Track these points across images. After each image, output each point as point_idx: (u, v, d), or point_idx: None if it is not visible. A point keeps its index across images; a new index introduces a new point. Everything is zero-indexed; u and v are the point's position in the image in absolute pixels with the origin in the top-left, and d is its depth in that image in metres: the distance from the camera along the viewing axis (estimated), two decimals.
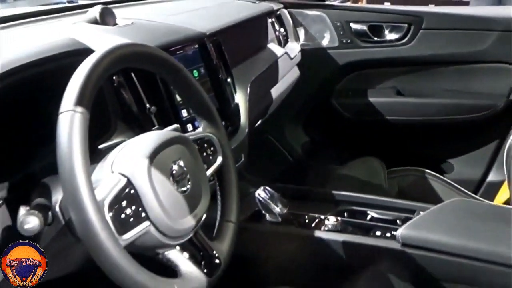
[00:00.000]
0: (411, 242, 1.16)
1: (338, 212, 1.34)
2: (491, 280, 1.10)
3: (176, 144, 0.85)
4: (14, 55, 0.86)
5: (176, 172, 0.82)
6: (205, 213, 0.87)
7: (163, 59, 0.92)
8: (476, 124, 1.98)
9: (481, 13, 2.04)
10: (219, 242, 0.93)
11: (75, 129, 0.71)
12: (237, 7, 1.77)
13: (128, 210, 0.74)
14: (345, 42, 2.02)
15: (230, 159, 1.00)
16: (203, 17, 1.51)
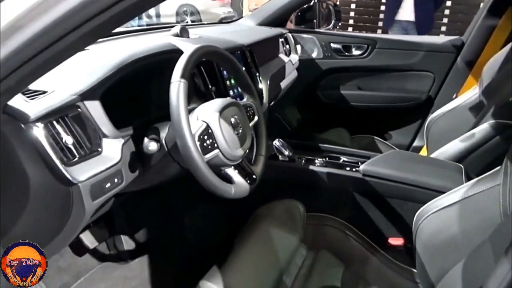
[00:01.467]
0: (368, 173, 1.27)
1: (322, 156, 1.43)
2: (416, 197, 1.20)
3: (233, 106, 0.94)
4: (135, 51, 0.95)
5: (233, 122, 0.92)
6: (249, 148, 0.97)
7: (226, 56, 1.02)
8: (408, 109, 2.09)
9: (413, 39, 2.14)
10: (255, 166, 1.03)
11: (181, 92, 0.81)
12: (260, 30, 1.89)
13: (208, 141, 0.85)
14: (327, 55, 2.13)
15: (262, 118, 1.08)
16: (242, 35, 1.63)
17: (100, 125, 0.83)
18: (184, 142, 0.80)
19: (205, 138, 0.85)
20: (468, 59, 1.92)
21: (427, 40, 2.08)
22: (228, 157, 0.89)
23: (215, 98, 1.11)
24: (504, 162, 0.95)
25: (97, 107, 0.83)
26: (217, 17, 8.24)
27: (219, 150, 0.87)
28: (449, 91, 1.98)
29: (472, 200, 0.98)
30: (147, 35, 1.43)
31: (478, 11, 1.95)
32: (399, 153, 1.36)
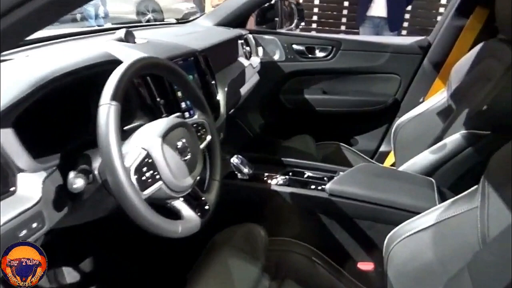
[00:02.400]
0: (335, 193, 1.17)
1: (285, 172, 1.34)
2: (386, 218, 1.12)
3: (180, 127, 0.83)
4: (63, 63, 0.81)
5: (180, 147, 0.81)
6: (199, 175, 0.86)
7: (170, 67, 0.90)
8: (374, 113, 2.01)
9: (378, 40, 2.07)
10: (208, 194, 0.92)
11: (111, 118, 0.69)
12: (218, 32, 1.75)
13: (148, 173, 0.73)
14: (289, 57, 2.02)
15: (216, 137, 0.97)
16: (196, 38, 1.49)
17: (13, 157, 0.67)
18: (115, 178, 0.67)
19: (144, 170, 0.73)
20: (435, 60, 1.85)
21: (393, 41, 2.00)
22: (174, 188, 0.77)
23: (164, 114, 1.02)
24: (481, 182, 0.88)
25: (8, 135, 0.67)
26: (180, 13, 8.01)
27: (162, 182, 0.75)
28: (416, 94, 1.91)
29: (448, 224, 0.91)
30: (88, 39, 1.27)
31: (445, 11, 1.89)
32: (368, 168, 1.27)
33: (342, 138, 1.96)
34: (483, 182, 0.87)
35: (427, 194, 1.13)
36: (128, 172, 0.68)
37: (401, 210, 1.09)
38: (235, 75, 1.55)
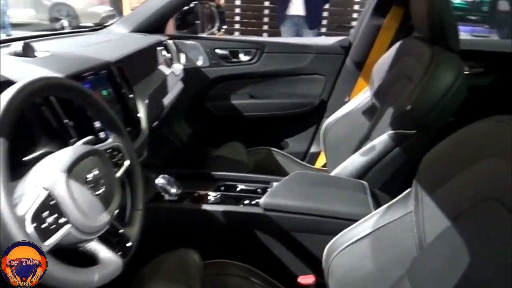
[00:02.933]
0: (270, 207, 1.12)
1: (217, 187, 1.26)
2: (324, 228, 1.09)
3: (90, 156, 0.72)
4: None
5: (91, 179, 0.70)
6: (118, 208, 0.75)
7: (73, 88, 0.78)
8: (302, 114, 1.99)
9: (301, 41, 2.07)
10: (130, 227, 0.81)
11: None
12: (134, 40, 1.62)
13: (50, 218, 0.61)
14: (213, 62, 1.94)
15: (135, 161, 0.87)
16: (110, 48, 1.36)
17: None
18: (4, 233, 0.55)
19: (46, 214, 0.60)
20: (357, 60, 1.87)
21: (316, 42, 2.00)
22: (87, 230, 0.66)
23: (74, 137, 0.88)
24: (413, 186, 0.86)
25: None
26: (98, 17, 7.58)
27: (70, 226, 0.63)
28: (341, 94, 1.92)
29: (385, 231, 0.89)
30: None
31: (363, 11, 1.92)
32: (301, 177, 1.23)
33: (273, 142, 1.92)
34: (415, 186, 0.86)
35: (361, 199, 1.11)
36: (21, 223, 0.56)
37: (338, 219, 1.05)
38: (156, 85, 1.43)
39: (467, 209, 0.73)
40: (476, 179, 0.72)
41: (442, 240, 0.78)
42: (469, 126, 0.78)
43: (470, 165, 0.74)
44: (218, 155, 1.71)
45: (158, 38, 1.70)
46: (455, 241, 0.74)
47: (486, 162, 0.71)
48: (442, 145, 0.83)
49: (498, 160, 0.69)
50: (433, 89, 1.15)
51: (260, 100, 1.99)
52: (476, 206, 0.71)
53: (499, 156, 0.68)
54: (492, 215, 0.68)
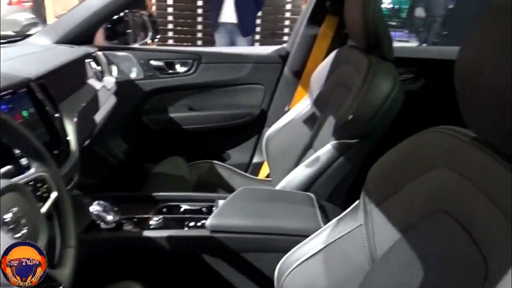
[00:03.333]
0: (217, 228, 1.05)
1: (159, 210, 1.17)
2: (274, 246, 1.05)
3: (6, 193, 0.63)
4: None
5: (9, 221, 0.61)
6: (45, 248, 0.66)
7: None
8: (243, 125, 1.95)
9: (239, 51, 2.03)
10: (61, 269, 0.72)
11: None
12: (58, 52, 1.48)
13: None
14: (148, 74, 1.84)
15: (63, 192, 0.77)
16: (29, 62, 1.22)
17: None
18: None
19: None
20: (295, 69, 1.87)
21: (254, 52, 1.97)
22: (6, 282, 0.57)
23: None
24: (361, 198, 0.85)
25: None
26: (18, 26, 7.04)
27: None
28: (281, 103, 1.91)
29: (336, 246, 0.87)
30: None
31: (299, 20, 1.93)
32: (247, 193, 1.18)
33: (214, 155, 1.86)
34: (363, 198, 0.85)
35: (310, 213, 1.09)
36: None
37: (288, 236, 1.02)
38: (85, 101, 1.32)
39: (416, 221, 0.73)
40: (424, 191, 0.72)
41: (394, 253, 0.77)
42: (413, 137, 0.79)
43: (417, 176, 0.74)
44: (158, 171, 1.61)
45: (86, 49, 1.57)
46: (406, 253, 0.73)
47: (433, 173, 0.71)
48: (388, 157, 0.83)
49: (444, 170, 0.69)
50: (373, 98, 1.17)
51: (199, 112, 1.93)
52: (426, 217, 0.71)
53: (445, 167, 0.69)
54: (441, 226, 0.68)
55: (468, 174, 0.64)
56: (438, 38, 7.25)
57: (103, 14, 1.64)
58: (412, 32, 9.56)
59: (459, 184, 0.65)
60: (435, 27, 7.59)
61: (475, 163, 0.63)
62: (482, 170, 0.62)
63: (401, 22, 10.10)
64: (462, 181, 0.64)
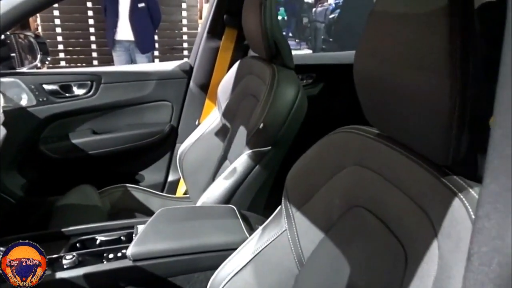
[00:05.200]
0: (140, 257, 0.98)
1: (71, 246, 1.05)
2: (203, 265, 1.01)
3: None
4: None
5: None
6: None
7: None
8: (153, 144, 1.87)
9: (141, 68, 1.96)
10: None
11: None
12: None
13: None
14: (41, 100, 1.68)
15: None
16: None
17: None
18: None
19: None
20: (200, 82, 1.85)
21: (157, 68, 1.90)
22: None
23: None
24: (282, 204, 0.87)
25: None
26: None
27: None
28: (190, 118, 1.87)
29: (264, 254, 0.87)
30: None
31: (198, 34, 1.92)
32: (167, 214, 1.12)
33: (127, 178, 1.77)
34: (284, 203, 0.86)
35: (234, 225, 1.07)
36: None
37: (215, 252, 0.99)
38: None
39: (336, 220, 0.75)
40: (339, 190, 0.75)
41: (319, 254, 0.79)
42: (322, 140, 0.82)
43: (331, 177, 0.77)
44: (65, 203, 1.46)
45: None
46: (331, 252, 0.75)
47: (345, 171, 0.75)
48: (302, 161, 0.85)
49: (355, 168, 0.73)
50: (280, 105, 1.20)
51: (105, 135, 1.81)
52: (344, 215, 0.74)
53: (357, 164, 0.72)
54: (360, 221, 0.71)
55: (377, 169, 0.68)
56: (326, 45, 7.80)
57: None
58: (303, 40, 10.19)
59: (370, 179, 0.69)
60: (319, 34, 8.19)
61: (382, 157, 0.67)
62: (389, 164, 0.66)
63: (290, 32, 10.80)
64: (373, 176, 0.68)
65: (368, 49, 0.64)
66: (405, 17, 0.55)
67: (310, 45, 9.25)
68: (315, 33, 8.46)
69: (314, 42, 8.63)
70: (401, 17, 0.56)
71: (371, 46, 0.63)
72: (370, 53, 0.63)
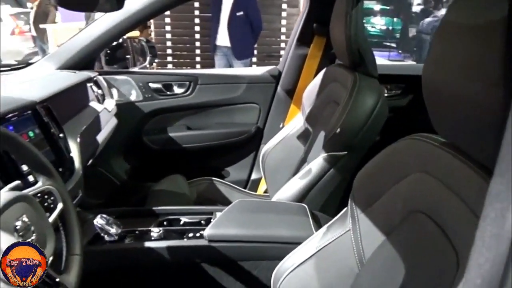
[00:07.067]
0: (214, 238, 1.10)
1: (159, 223, 1.21)
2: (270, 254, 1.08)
3: (17, 202, 0.67)
4: None
5: (20, 227, 0.66)
6: (52, 255, 0.71)
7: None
8: (240, 142, 2.00)
9: (233, 72, 2.10)
10: (67, 274, 0.76)
11: None
12: (61, 77, 1.54)
13: None
14: (147, 96, 1.90)
15: (68, 203, 0.82)
16: (34, 87, 1.28)
17: None
18: None
19: None
20: (287, 88, 1.93)
21: (247, 72, 2.04)
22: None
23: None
24: (349, 205, 0.90)
25: None
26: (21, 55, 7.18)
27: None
28: (275, 120, 1.96)
29: (327, 251, 0.91)
30: None
31: (289, 41, 2.01)
32: (242, 205, 1.23)
33: (214, 173, 1.90)
34: (350, 205, 0.89)
35: (303, 222, 1.13)
36: None
37: (283, 243, 1.06)
38: (87, 122, 1.38)
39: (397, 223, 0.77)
40: (403, 194, 0.77)
41: (379, 255, 0.81)
42: (391, 146, 0.84)
43: (397, 182, 0.79)
44: (159, 189, 1.65)
45: (87, 74, 1.64)
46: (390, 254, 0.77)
47: (411, 178, 0.76)
48: (371, 164, 0.88)
49: (421, 175, 0.74)
50: (358, 113, 1.22)
51: (198, 131, 1.98)
52: (406, 220, 0.76)
53: (421, 171, 0.73)
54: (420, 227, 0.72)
55: (440, 176, 0.69)
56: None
57: (103, 41, 1.71)
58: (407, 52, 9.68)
59: (432, 186, 0.70)
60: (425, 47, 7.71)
61: (445, 165, 0.68)
62: (451, 172, 0.67)
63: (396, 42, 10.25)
64: (435, 183, 0.69)
65: (435, 58, 0.66)
66: (467, 28, 0.57)
67: (415, 57, 8.80)
68: (421, 45, 8.04)
69: (418, 54, 8.19)
70: (463, 27, 0.58)
71: (438, 56, 0.65)
72: (437, 62, 0.65)
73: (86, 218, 1.16)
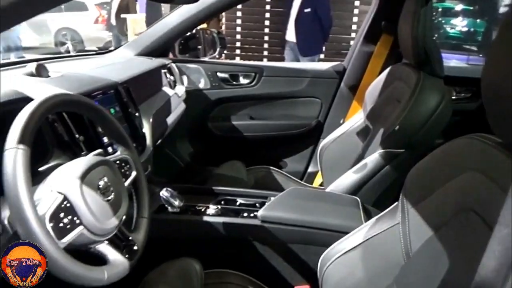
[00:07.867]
0: (267, 219, 1.16)
1: (217, 201, 1.30)
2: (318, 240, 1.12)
3: (100, 166, 0.78)
4: None
5: (102, 186, 0.76)
6: (125, 214, 0.81)
7: (86, 104, 0.85)
8: (300, 135, 2.05)
9: (298, 66, 2.14)
10: (136, 233, 0.86)
11: (18, 163, 0.62)
12: (140, 62, 1.70)
13: (66, 219, 0.67)
14: (214, 85, 2.01)
15: (141, 172, 0.93)
16: (117, 69, 1.43)
17: None
18: (26, 229, 0.60)
19: (62, 216, 0.67)
20: (351, 84, 1.95)
21: (312, 67, 2.08)
22: (97, 232, 0.72)
23: (84, 151, 0.94)
24: (400, 199, 0.92)
25: None
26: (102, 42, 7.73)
27: (83, 227, 0.69)
28: (336, 116, 1.99)
29: (374, 242, 0.94)
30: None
31: (355, 38, 2.02)
32: (297, 192, 1.28)
33: (272, 162, 1.96)
34: (401, 199, 0.91)
35: (354, 213, 1.16)
36: (42, 221, 0.62)
37: (331, 231, 1.10)
38: (160, 105, 1.51)
39: (447, 219, 0.78)
40: (456, 192, 0.78)
41: (426, 249, 0.83)
42: (448, 143, 0.85)
43: (450, 179, 0.80)
44: (219, 173, 1.75)
45: (162, 61, 1.78)
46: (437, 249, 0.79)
47: (465, 176, 0.77)
48: (425, 161, 0.89)
49: (475, 174, 0.75)
50: (419, 111, 1.22)
51: (260, 121, 2.06)
52: (456, 216, 0.77)
53: (475, 170, 0.74)
54: (469, 225, 0.73)
55: (493, 176, 0.69)
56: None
57: (177, 31, 1.85)
58: None
59: (485, 185, 0.70)
60: None
61: (499, 166, 0.69)
62: (506, 172, 0.67)
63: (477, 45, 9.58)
64: (488, 182, 0.70)
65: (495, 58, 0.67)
66: None
67: None
68: None
69: None
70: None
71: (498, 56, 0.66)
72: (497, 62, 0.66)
73: (153, 190, 1.28)
